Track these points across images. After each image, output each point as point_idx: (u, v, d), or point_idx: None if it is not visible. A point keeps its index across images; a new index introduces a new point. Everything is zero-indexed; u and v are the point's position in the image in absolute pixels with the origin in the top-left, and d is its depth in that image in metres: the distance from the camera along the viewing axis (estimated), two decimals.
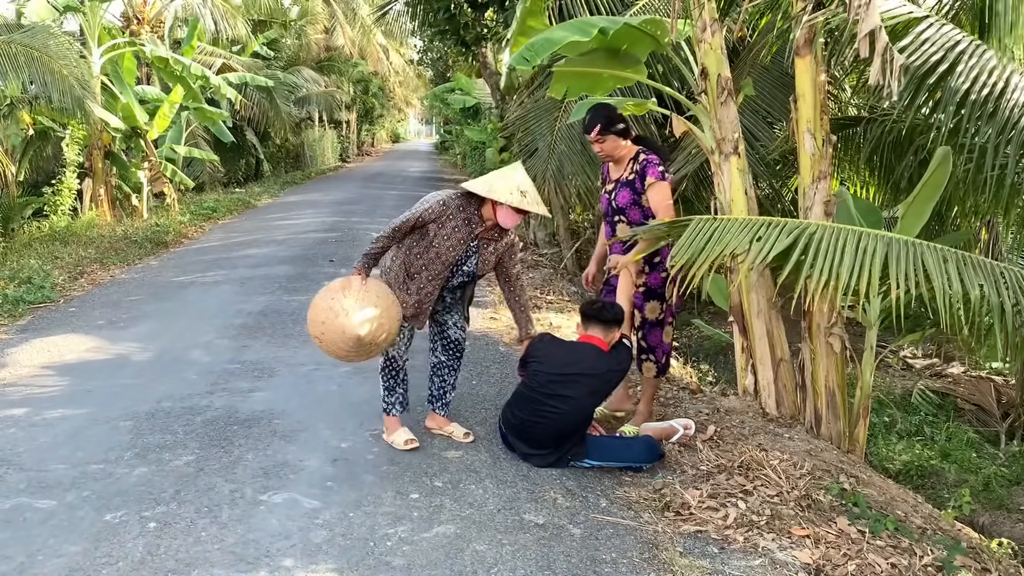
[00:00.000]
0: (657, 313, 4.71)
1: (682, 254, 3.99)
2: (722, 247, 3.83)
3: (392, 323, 4.11)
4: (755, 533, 3.58)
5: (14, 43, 12.19)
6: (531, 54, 4.80)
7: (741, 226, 3.93)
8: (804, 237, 3.74)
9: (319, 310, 4.08)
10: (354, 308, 3.97)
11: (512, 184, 4.13)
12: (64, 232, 12.82)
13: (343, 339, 4.00)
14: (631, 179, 4.62)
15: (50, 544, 3.29)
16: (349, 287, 4.06)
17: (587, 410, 4.24)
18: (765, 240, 3.74)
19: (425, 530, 3.46)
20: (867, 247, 3.69)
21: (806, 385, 5.16)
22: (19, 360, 6.09)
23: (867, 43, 3.93)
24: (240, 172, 25.31)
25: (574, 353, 4.27)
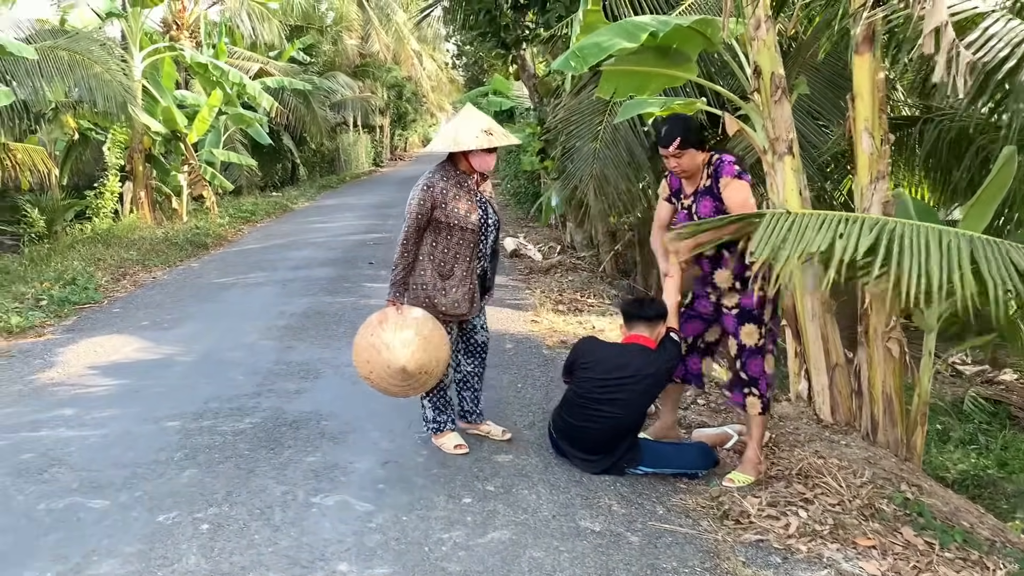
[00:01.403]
0: (756, 339, 4.09)
1: (761, 249, 3.75)
2: (804, 244, 3.63)
3: (439, 349, 4.02)
4: (819, 543, 3.48)
5: (59, 48, 12.39)
6: (578, 59, 4.69)
7: (819, 221, 3.75)
8: (886, 234, 3.56)
9: (361, 349, 4.03)
10: (394, 340, 3.91)
11: (475, 128, 4.05)
12: (106, 234, 12.98)
13: (390, 373, 3.95)
14: (708, 185, 4.15)
15: (104, 544, 3.27)
16: (386, 320, 4.00)
17: (640, 411, 4.12)
18: (847, 237, 3.55)
19: (480, 535, 3.39)
20: (951, 245, 3.52)
21: (862, 391, 5.02)
22: (67, 360, 6.14)
23: (932, 39, 3.80)
24: (277, 176, 25.52)
25: (622, 356, 4.15)
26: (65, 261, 10.30)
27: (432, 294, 4.12)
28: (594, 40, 4.57)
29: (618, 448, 4.07)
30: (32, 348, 6.56)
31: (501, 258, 11.00)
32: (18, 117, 13.22)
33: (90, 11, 15.77)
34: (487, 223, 4.22)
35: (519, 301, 8.39)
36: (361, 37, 32.11)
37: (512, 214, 17.26)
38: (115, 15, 15.04)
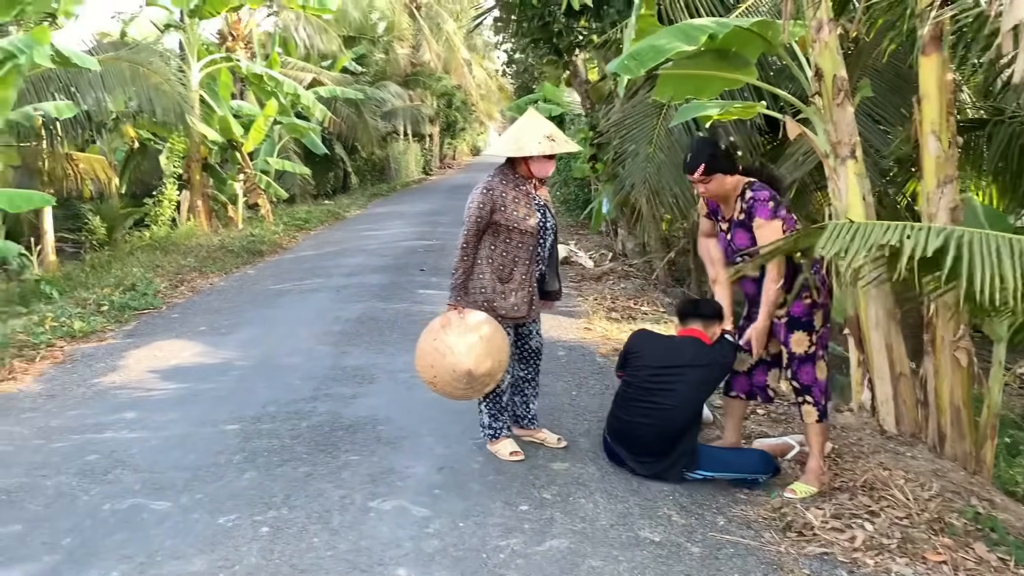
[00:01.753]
0: (805, 346, 4.01)
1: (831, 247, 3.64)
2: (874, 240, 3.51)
3: (501, 351, 4.04)
4: (886, 557, 3.37)
5: (120, 60, 12.71)
6: (635, 63, 4.63)
7: (883, 229, 3.66)
8: (954, 240, 3.45)
9: (425, 353, 4.05)
10: (458, 344, 3.93)
11: (538, 134, 4.08)
12: (164, 241, 13.26)
13: (455, 377, 3.96)
14: (742, 219, 4.09)
15: (167, 546, 3.31)
16: (448, 324, 4.02)
17: (692, 406, 4.03)
18: (916, 238, 3.44)
19: (537, 543, 3.35)
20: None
21: (928, 401, 4.87)
22: (128, 364, 6.26)
23: (1011, 38, 3.67)
24: (329, 184, 25.85)
25: (675, 346, 4.18)
26: (125, 268, 10.53)
27: (491, 297, 4.12)
28: (651, 43, 4.52)
29: (672, 451, 3.99)
30: (95, 352, 6.71)
31: None
32: (81, 127, 13.61)
33: (149, 23, 16.15)
34: (545, 226, 4.23)
35: (571, 308, 8.35)
36: (412, 46, 32.43)
37: (563, 221, 17.21)
38: (173, 27, 15.40)
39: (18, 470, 4.14)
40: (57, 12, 12.91)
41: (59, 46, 9.54)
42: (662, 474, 4.02)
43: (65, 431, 4.73)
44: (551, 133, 4.12)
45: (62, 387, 5.68)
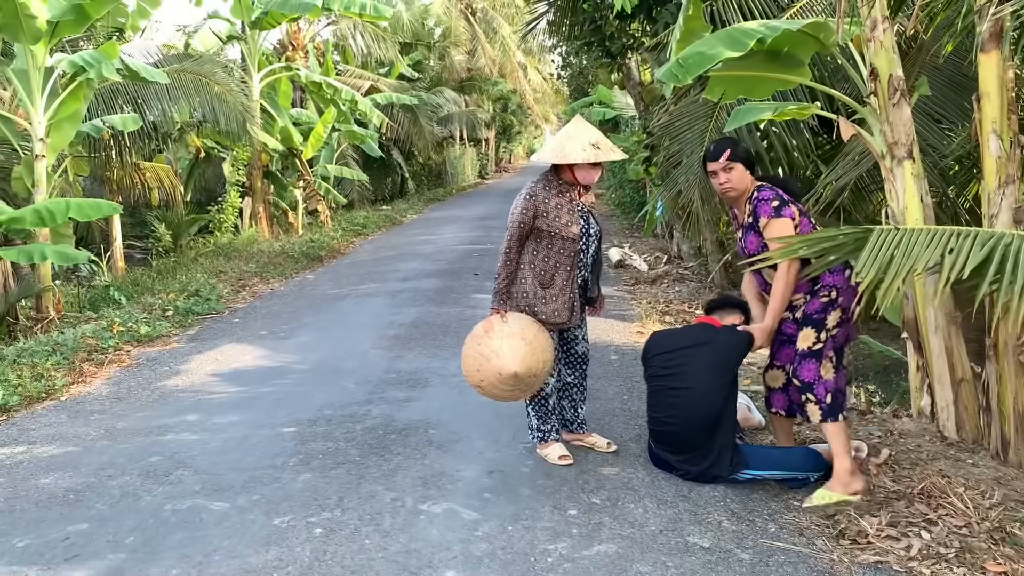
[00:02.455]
0: (811, 341, 3.90)
1: (868, 270, 3.64)
2: (912, 262, 3.50)
3: (545, 352, 4.07)
4: (943, 567, 3.29)
5: (185, 71, 13.07)
6: (682, 70, 4.59)
7: (927, 237, 3.61)
8: (1000, 249, 3.39)
9: (471, 359, 4.11)
10: (503, 347, 3.97)
11: (583, 141, 4.10)
12: (227, 247, 13.61)
13: (501, 380, 4.01)
14: (751, 222, 4.07)
15: (224, 545, 3.41)
16: (492, 329, 4.07)
17: (710, 388, 3.97)
18: (957, 253, 3.40)
19: (585, 548, 3.37)
20: None
21: (991, 407, 4.73)
22: (190, 368, 6.44)
23: None
24: (387, 190, 26.21)
25: (683, 332, 4.43)
26: (189, 273, 10.84)
27: (533, 303, 4.16)
28: (698, 49, 4.48)
29: (709, 442, 3.97)
30: (159, 356, 6.92)
31: (606, 268, 10.98)
32: (147, 138, 14.05)
33: (212, 35, 16.60)
34: (588, 233, 4.24)
35: (624, 312, 8.33)
36: (468, 51, 32.68)
37: (618, 224, 17.17)
38: (235, 38, 15.79)
39: (86, 471, 4.30)
40: (125, 27, 13.38)
41: (127, 60, 9.87)
42: (708, 471, 3.99)
43: (130, 433, 4.90)
44: (596, 140, 4.14)
45: (128, 390, 5.88)
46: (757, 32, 4.40)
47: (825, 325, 3.88)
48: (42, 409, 5.51)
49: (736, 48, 4.34)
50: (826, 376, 3.89)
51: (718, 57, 4.38)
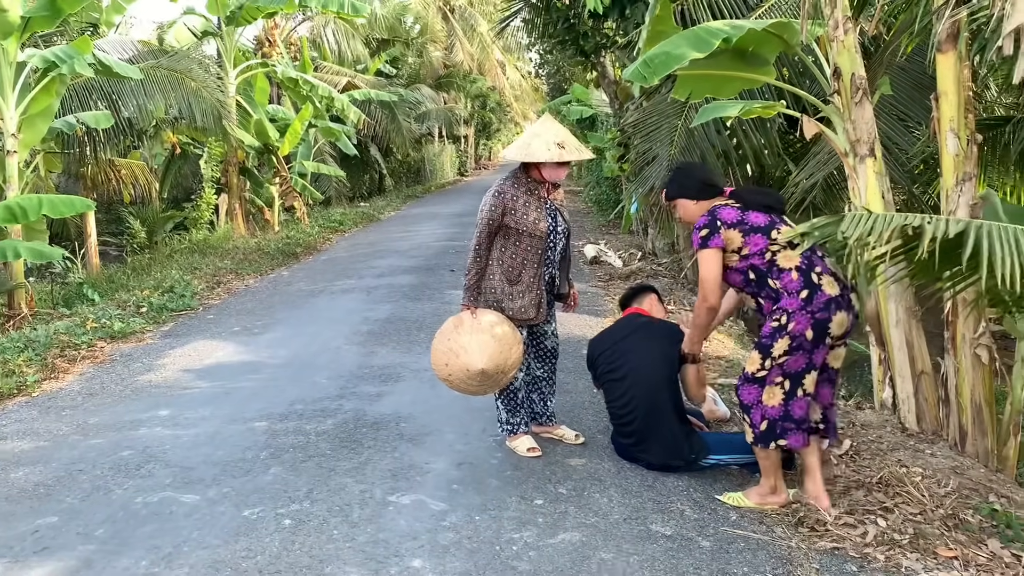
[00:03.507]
0: (755, 367, 3.71)
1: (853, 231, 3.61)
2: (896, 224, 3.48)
3: (513, 348, 4.12)
4: (897, 552, 3.39)
5: (160, 68, 13.00)
6: (649, 71, 4.66)
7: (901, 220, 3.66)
8: (973, 229, 3.44)
9: (439, 353, 4.16)
10: (472, 344, 4.03)
11: (549, 140, 4.14)
12: (202, 244, 13.56)
13: (469, 376, 4.06)
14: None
15: (194, 537, 3.45)
16: (461, 324, 4.13)
17: (657, 368, 4.13)
18: (935, 224, 3.43)
19: (550, 536, 3.44)
20: None
21: (949, 399, 4.86)
22: (164, 364, 6.45)
23: (1012, 40, 3.70)
24: (364, 187, 26.17)
25: (617, 327, 4.57)
26: (164, 270, 10.81)
27: (500, 299, 4.22)
28: (664, 49, 4.55)
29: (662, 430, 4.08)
30: (132, 352, 6.92)
31: (581, 265, 11.07)
32: (122, 134, 13.97)
33: (187, 31, 16.51)
34: (556, 230, 4.29)
35: (598, 307, 8.41)
36: (445, 48, 32.66)
37: (594, 221, 17.26)
38: (211, 34, 15.72)
39: (56, 465, 4.32)
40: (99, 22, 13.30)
41: (100, 55, 9.83)
42: (667, 459, 4.10)
43: (102, 428, 4.92)
44: (562, 140, 4.17)
45: (101, 386, 5.88)
46: (722, 32, 4.47)
47: (771, 352, 3.65)
48: (13, 405, 5.50)
49: (701, 49, 4.42)
50: (767, 403, 3.69)
51: (684, 58, 4.46)
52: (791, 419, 3.66)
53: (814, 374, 3.67)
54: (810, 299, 3.60)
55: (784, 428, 3.66)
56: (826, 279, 3.66)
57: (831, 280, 3.66)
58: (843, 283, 3.72)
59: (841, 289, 3.69)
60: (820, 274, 3.66)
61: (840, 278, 3.73)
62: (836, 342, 3.75)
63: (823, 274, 3.67)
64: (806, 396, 3.68)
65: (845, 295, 3.70)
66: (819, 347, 3.62)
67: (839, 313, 3.62)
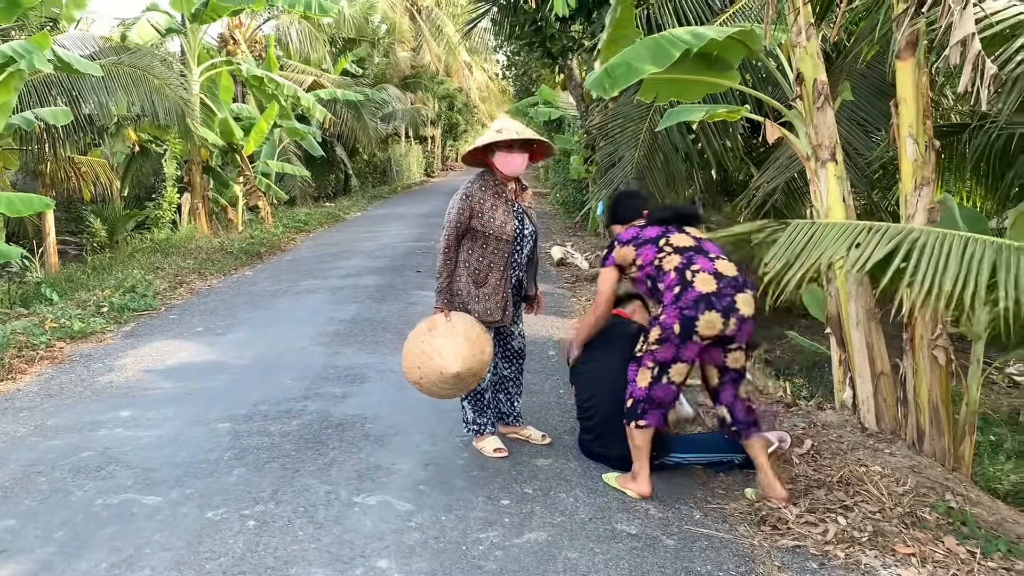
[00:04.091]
0: (638, 347, 3.96)
1: (777, 259, 3.83)
2: (819, 253, 3.69)
3: (485, 352, 4.14)
4: (857, 549, 3.46)
5: (122, 64, 12.81)
6: (610, 81, 4.66)
7: (840, 231, 3.79)
8: (906, 243, 3.58)
9: (413, 355, 4.14)
10: (446, 346, 4.03)
11: (491, 131, 4.22)
12: (164, 244, 13.37)
13: (442, 379, 4.06)
14: None
15: (156, 538, 3.41)
16: (435, 327, 4.12)
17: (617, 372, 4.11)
18: (864, 246, 3.59)
19: (516, 536, 3.45)
20: (974, 253, 3.52)
21: (908, 400, 4.96)
22: (125, 364, 6.36)
23: (958, 51, 3.80)
24: (330, 186, 26.00)
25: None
26: (125, 270, 10.65)
27: (466, 301, 4.22)
28: (626, 59, 4.55)
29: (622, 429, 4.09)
30: (93, 352, 6.82)
31: (548, 267, 11.11)
32: (82, 131, 13.74)
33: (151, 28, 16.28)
34: (523, 233, 4.30)
35: (564, 308, 8.45)
36: (412, 49, 32.60)
37: (561, 223, 17.32)
38: (175, 31, 15.52)
39: (14, 467, 4.24)
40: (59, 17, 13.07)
41: (60, 51, 9.66)
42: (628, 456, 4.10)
43: (61, 429, 4.84)
44: (502, 127, 4.22)
45: (60, 387, 5.79)
46: (683, 43, 4.47)
47: (647, 336, 3.87)
48: None
49: (662, 60, 4.44)
50: (639, 382, 3.88)
51: (644, 71, 4.50)
52: (652, 401, 3.85)
53: (681, 366, 3.82)
54: (679, 296, 3.75)
55: (644, 409, 3.85)
56: (700, 277, 3.77)
57: (706, 278, 3.76)
58: (728, 280, 3.77)
59: (720, 287, 3.74)
60: (696, 272, 3.79)
61: (724, 275, 3.78)
62: (716, 343, 3.80)
63: (699, 272, 3.78)
64: (671, 384, 3.83)
65: (724, 295, 3.73)
66: (687, 343, 3.74)
67: (708, 313, 3.69)
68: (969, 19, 3.97)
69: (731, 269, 3.83)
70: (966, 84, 3.93)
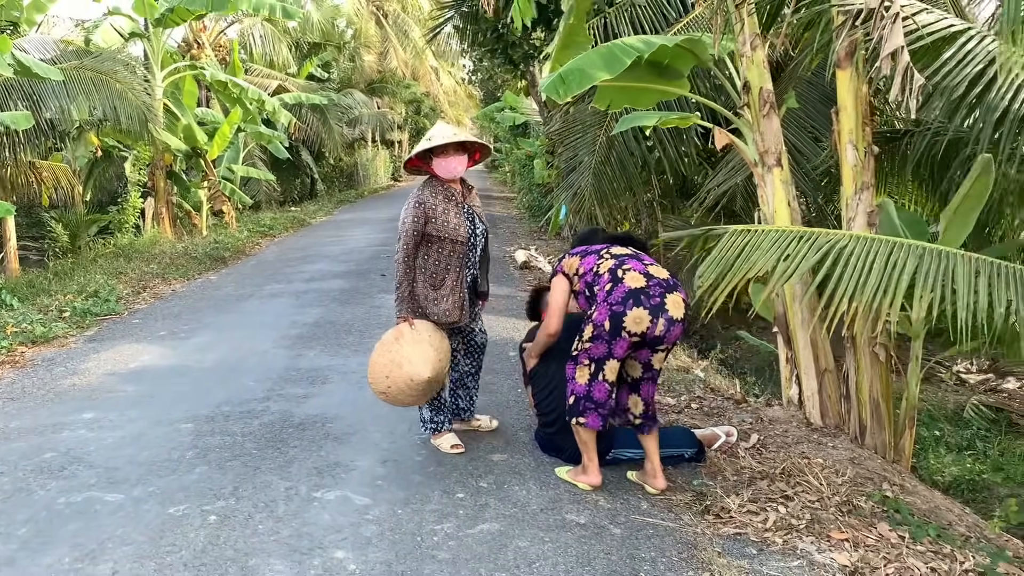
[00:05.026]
0: (574, 347, 4.05)
1: (711, 272, 4.02)
2: (749, 266, 3.88)
3: (447, 356, 4.31)
4: (794, 536, 3.63)
5: (84, 68, 12.76)
6: (564, 87, 4.81)
7: (772, 240, 3.98)
8: (834, 252, 3.79)
9: (380, 366, 4.23)
10: (414, 354, 4.16)
11: (424, 140, 4.35)
12: (128, 248, 13.33)
13: (411, 386, 4.18)
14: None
15: (119, 534, 3.49)
16: (402, 336, 4.23)
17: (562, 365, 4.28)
18: (793, 257, 3.79)
19: (470, 527, 3.58)
20: (897, 260, 3.74)
21: (851, 395, 5.17)
22: (87, 367, 6.40)
23: (889, 61, 4.01)
24: (296, 191, 25.95)
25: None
26: (88, 275, 10.61)
27: (424, 304, 4.33)
28: (579, 66, 4.71)
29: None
30: (55, 357, 6.84)
31: (511, 270, 11.25)
32: (44, 136, 13.64)
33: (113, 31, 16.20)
34: (475, 234, 4.43)
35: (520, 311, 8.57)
36: (379, 53, 32.61)
37: (526, 227, 17.48)
38: (138, 35, 15.47)
39: None
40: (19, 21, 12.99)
41: (19, 55, 9.63)
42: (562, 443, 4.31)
43: (23, 432, 4.88)
44: (432, 134, 4.36)
45: (21, 390, 5.82)
46: (635, 50, 4.65)
47: (582, 335, 3.98)
48: None
49: (613, 68, 4.61)
50: (578, 380, 3.99)
51: (596, 78, 4.67)
52: (591, 400, 3.94)
53: (614, 363, 3.92)
54: (610, 292, 3.88)
55: (585, 407, 3.96)
56: (630, 274, 3.90)
57: (635, 275, 3.89)
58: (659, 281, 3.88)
59: (648, 284, 3.86)
60: (627, 270, 3.92)
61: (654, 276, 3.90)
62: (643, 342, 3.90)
63: (630, 270, 3.92)
64: (605, 382, 3.93)
65: (653, 293, 3.84)
66: (617, 339, 3.85)
67: (635, 309, 3.80)
68: (898, 33, 4.19)
69: (663, 272, 3.96)
70: (896, 93, 4.15)
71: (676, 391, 5.90)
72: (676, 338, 3.93)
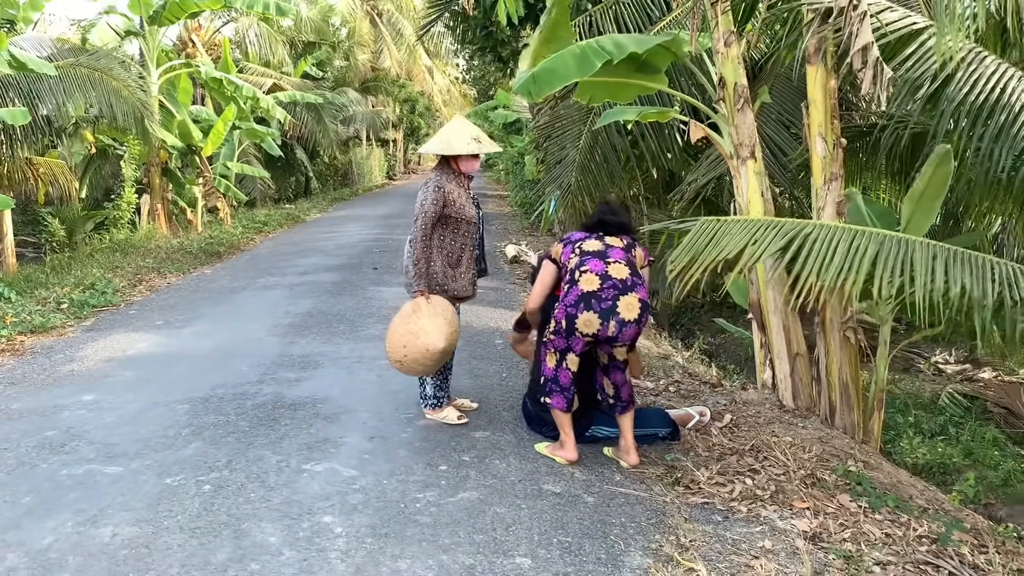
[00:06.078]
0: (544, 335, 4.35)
1: (682, 257, 4.24)
2: (719, 250, 4.10)
3: (458, 329, 4.64)
4: (758, 505, 3.84)
5: (80, 66, 12.91)
6: (536, 87, 4.94)
7: (741, 228, 4.20)
8: (799, 238, 4.00)
9: (399, 335, 4.51)
10: (432, 325, 4.45)
11: (467, 136, 4.66)
12: (124, 244, 13.49)
13: (427, 355, 4.46)
14: None
15: (118, 501, 3.69)
16: (419, 309, 4.52)
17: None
18: (760, 243, 4.01)
19: (451, 495, 3.79)
20: (859, 246, 3.95)
21: (821, 378, 5.38)
22: (86, 354, 6.59)
23: (860, 56, 4.23)
24: (290, 189, 26.10)
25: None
26: (84, 269, 10.78)
27: (443, 282, 4.67)
28: (552, 66, 4.84)
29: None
30: (54, 345, 7.02)
31: (502, 264, 11.47)
32: (40, 132, 13.79)
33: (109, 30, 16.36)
34: (479, 216, 4.84)
35: (514, 302, 8.79)
36: (373, 52, 32.79)
37: (519, 224, 17.69)
38: (133, 33, 15.63)
39: None
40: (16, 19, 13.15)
41: (16, 52, 9.80)
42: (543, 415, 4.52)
43: (25, 412, 5.07)
44: (477, 136, 4.72)
45: (22, 375, 6.00)
46: (606, 53, 4.80)
47: (548, 326, 4.26)
48: None
49: (585, 69, 4.77)
50: (548, 363, 4.25)
51: (568, 79, 4.86)
52: (557, 383, 4.21)
53: (573, 356, 4.17)
54: (567, 294, 4.13)
55: (551, 388, 4.22)
56: (586, 277, 4.10)
57: (591, 278, 4.08)
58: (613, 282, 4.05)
59: (601, 287, 4.04)
60: (584, 272, 4.12)
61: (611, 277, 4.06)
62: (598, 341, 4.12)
63: (586, 272, 4.11)
64: (569, 370, 4.19)
65: (605, 297, 4.02)
66: (572, 337, 4.10)
67: (586, 313, 4.03)
68: (867, 30, 4.41)
69: (622, 272, 4.10)
70: (867, 87, 4.37)
71: (655, 375, 6.11)
72: (631, 337, 4.13)
